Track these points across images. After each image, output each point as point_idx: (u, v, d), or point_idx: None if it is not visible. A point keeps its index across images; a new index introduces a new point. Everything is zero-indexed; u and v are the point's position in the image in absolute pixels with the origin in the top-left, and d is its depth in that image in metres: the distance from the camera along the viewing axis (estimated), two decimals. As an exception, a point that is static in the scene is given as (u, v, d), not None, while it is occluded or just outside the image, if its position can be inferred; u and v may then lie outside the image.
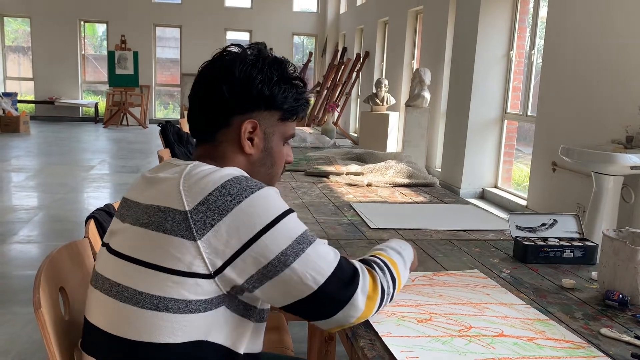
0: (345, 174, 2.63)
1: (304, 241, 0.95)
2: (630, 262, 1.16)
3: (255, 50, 1.09)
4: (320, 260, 0.94)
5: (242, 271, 0.92)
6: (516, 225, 1.54)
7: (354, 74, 10.30)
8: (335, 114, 9.67)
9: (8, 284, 3.27)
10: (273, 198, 0.97)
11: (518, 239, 1.50)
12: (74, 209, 5.07)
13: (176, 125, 3.94)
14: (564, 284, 1.29)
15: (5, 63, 13.15)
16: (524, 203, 5.15)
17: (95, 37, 14.87)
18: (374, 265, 1.04)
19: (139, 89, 12.32)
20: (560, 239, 1.51)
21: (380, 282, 1.01)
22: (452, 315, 1.08)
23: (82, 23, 13.15)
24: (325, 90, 10.59)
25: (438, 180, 2.69)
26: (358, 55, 10.42)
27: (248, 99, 1.07)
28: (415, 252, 1.25)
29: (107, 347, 0.97)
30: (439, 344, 0.96)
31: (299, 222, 0.97)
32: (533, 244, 1.46)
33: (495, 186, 5.99)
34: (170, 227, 0.92)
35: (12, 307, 2.92)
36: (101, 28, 13.96)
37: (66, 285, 1.11)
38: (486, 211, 2.16)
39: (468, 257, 1.49)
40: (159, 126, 3.81)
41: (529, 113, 5.43)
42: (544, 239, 1.50)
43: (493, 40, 5.76)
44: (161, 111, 13.90)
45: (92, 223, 1.44)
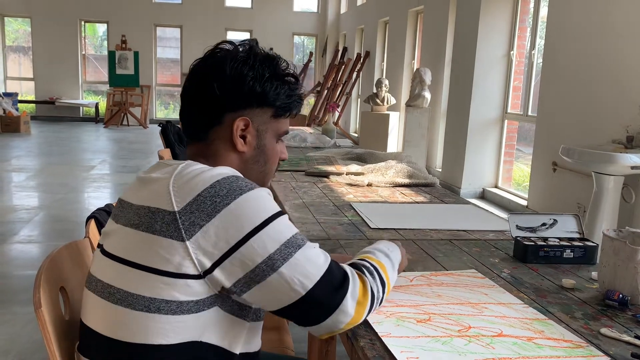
0: (346, 174, 2.63)
1: (293, 245, 0.93)
2: (630, 262, 1.16)
3: (246, 47, 1.08)
4: (309, 265, 0.93)
5: (230, 274, 0.91)
6: (516, 225, 1.54)
7: (355, 74, 10.30)
8: (336, 114, 9.67)
9: (8, 284, 3.27)
10: (263, 200, 0.95)
11: (518, 238, 1.50)
12: (75, 209, 5.07)
13: (177, 125, 3.94)
14: (564, 283, 1.29)
15: (5, 63, 13.16)
16: (524, 203, 5.15)
17: (95, 37, 14.87)
18: (364, 269, 1.03)
19: (139, 89, 12.33)
20: (560, 238, 1.51)
21: (370, 287, 1.00)
22: (451, 316, 1.08)
23: (83, 23, 13.15)
24: (325, 90, 10.58)
25: (438, 180, 2.69)
26: (358, 55, 10.42)
27: (239, 96, 1.05)
28: (404, 253, 1.24)
29: (103, 350, 0.96)
30: (439, 344, 0.96)
31: (288, 225, 0.96)
32: (533, 243, 1.46)
33: (496, 186, 5.99)
34: (160, 228, 0.91)
35: (13, 307, 2.92)
36: (102, 28, 13.97)
37: (66, 285, 1.11)
38: (486, 211, 2.16)
39: (468, 257, 1.49)
40: (159, 126, 3.81)
41: (530, 113, 5.43)
42: (544, 239, 1.50)
43: (493, 40, 5.76)
44: (162, 111, 13.91)
45: (93, 223, 1.44)
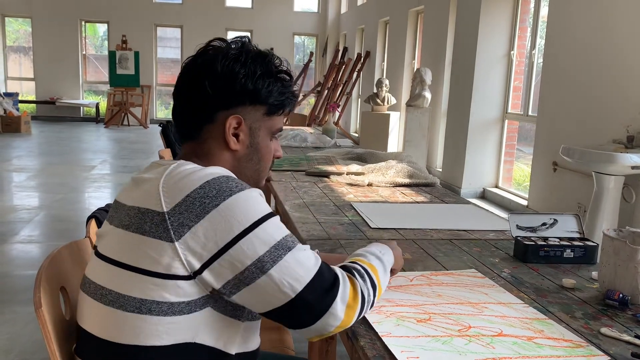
0: (346, 174, 2.63)
1: (283, 247, 0.92)
2: (630, 262, 1.16)
3: (239, 44, 1.07)
4: (298, 268, 0.92)
5: (219, 276, 0.90)
6: (517, 225, 1.54)
7: (355, 74, 10.30)
8: (336, 114, 9.68)
9: (9, 284, 3.28)
10: (253, 201, 0.94)
11: (518, 238, 1.50)
12: (75, 209, 5.08)
13: (177, 125, 3.93)
14: (565, 283, 1.29)
15: (6, 63, 13.16)
16: (524, 203, 5.15)
17: (96, 37, 14.88)
18: (355, 272, 1.01)
19: (140, 89, 12.33)
20: (560, 238, 1.51)
21: (361, 290, 0.99)
22: (451, 315, 1.08)
23: (83, 23, 13.16)
24: (326, 90, 10.58)
25: (439, 180, 2.69)
26: (359, 55, 10.42)
27: (231, 94, 1.04)
28: (399, 253, 1.24)
29: (98, 352, 0.96)
30: (439, 344, 0.96)
31: (279, 227, 0.95)
32: (533, 243, 1.46)
33: (496, 186, 5.99)
34: (149, 229, 0.91)
35: (13, 307, 2.92)
36: (102, 28, 13.97)
37: (67, 285, 1.11)
38: (487, 211, 2.16)
39: (468, 257, 1.49)
40: (160, 126, 3.81)
41: (530, 113, 5.43)
42: (545, 239, 1.50)
43: (494, 40, 5.76)
44: (162, 111, 13.90)
45: (93, 223, 1.44)
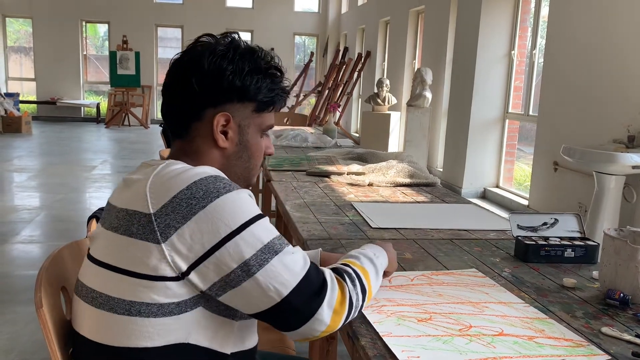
0: (347, 174, 2.63)
1: (270, 250, 0.91)
2: (631, 261, 1.16)
3: (227, 41, 1.05)
4: (285, 272, 0.91)
5: (205, 278, 0.90)
6: (517, 225, 1.54)
7: (356, 74, 10.31)
8: (337, 114, 9.68)
9: (10, 284, 3.28)
10: (241, 202, 0.92)
11: (519, 238, 1.50)
12: (76, 209, 5.08)
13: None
14: (565, 283, 1.29)
15: (7, 63, 13.17)
16: (525, 203, 5.15)
17: (97, 38, 14.89)
18: (345, 276, 1.00)
19: (140, 89, 12.33)
20: (561, 238, 1.50)
21: (349, 295, 0.97)
22: (452, 315, 1.08)
23: (84, 23, 13.16)
24: (326, 90, 10.59)
25: (439, 180, 2.69)
26: (359, 55, 10.42)
27: (219, 91, 1.03)
28: (394, 256, 1.23)
29: (92, 355, 0.96)
30: (440, 344, 0.96)
31: (267, 229, 0.93)
32: (534, 243, 1.46)
33: (497, 186, 5.99)
34: (136, 231, 0.90)
35: (14, 307, 2.93)
36: (103, 28, 13.98)
37: (68, 285, 1.12)
38: (487, 211, 2.16)
39: (469, 257, 1.49)
40: (160, 126, 3.82)
41: (531, 113, 5.43)
42: (545, 238, 1.50)
43: (494, 40, 5.76)
44: (163, 111, 13.91)
45: (94, 223, 1.44)
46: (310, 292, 0.92)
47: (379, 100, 7.22)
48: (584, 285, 1.30)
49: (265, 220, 0.94)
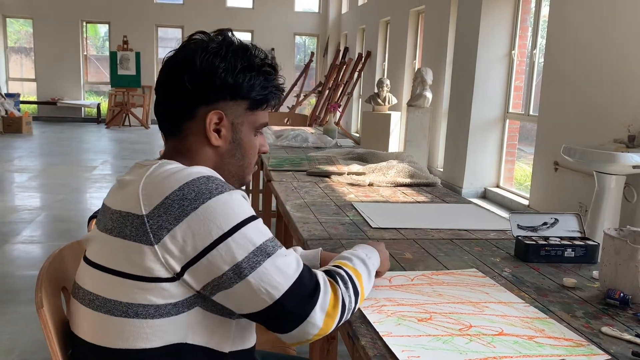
0: (347, 174, 2.63)
1: (262, 253, 0.90)
2: (631, 261, 1.16)
3: (220, 38, 1.04)
4: (277, 274, 0.90)
5: (198, 279, 0.89)
6: (518, 225, 1.54)
7: (356, 74, 10.31)
8: (337, 114, 9.68)
9: (11, 284, 3.28)
10: (233, 204, 0.91)
11: (519, 238, 1.50)
12: (77, 209, 5.08)
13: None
14: (565, 282, 1.29)
15: (7, 64, 13.18)
16: (526, 202, 5.15)
17: (97, 38, 14.90)
18: (338, 278, 0.99)
19: (141, 90, 12.34)
20: (561, 238, 1.50)
21: (342, 298, 0.97)
22: (452, 314, 1.08)
23: (84, 24, 13.17)
24: (327, 91, 10.59)
25: (440, 180, 2.69)
26: (360, 55, 10.42)
27: (211, 89, 1.02)
28: (386, 256, 1.23)
29: (91, 357, 0.96)
30: (440, 343, 0.96)
31: (259, 231, 0.92)
32: (534, 243, 1.46)
33: (498, 186, 5.98)
34: (129, 233, 0.90)
35: (15, 307, 2.93)
36: (103, 29, 13.99)
37: (68, 285, 1.12)
38: (488, 211, 2.16)
39: (469, 256, 1.49)
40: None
41: (531, 112, 5.43)
42: (546, 238, 1.50)
43: (494, 40, 5.76)
44: (163, 111, 13.91)
45: (94, 223, 1.44)
46: (303, 295, 0.92)
47: (379, 100, 7.22)
48: (584, 285, 1.30)
49: (258, 222, 0.93)
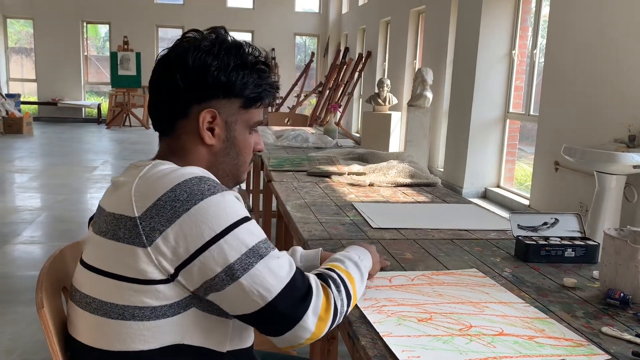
0: (348, 174, 2.63)
1: (255, 254, 0.89)
2: (631, 261, 1.16)
3: (213, 36, 1.03)
4: (269, 276, 0.89)
5: (190, 281, 0.89)
6: (518, 225, 1.54)
7: (356, 74, 10.31)
8: (338, 114, 9.68)
9: (12, 284, 3.28)
10: (225, 205, 0.90)
11: (520, 238, 1.50)
12: (77, 210, 5.08)
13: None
14: (566, 282, 1.29)
15: (8, 64, 13.19)
16: (526, 202, 5.15)
17: (97, 38, 14.91)
18: (330, 281, 0.99)
19: (141, 90, 12.34)
20: (562, 238, 1.50)
21: (334, 302, 0.96)
22: (453, 315, 1.08)
23: (85, 24, 13.18)
24: (327, 91, 10.59)
25: (440, 180, 2.69)
26: (360, 55, 10.42)
27: (204, 87, 1.01)
28: (377, 259, 1.23)
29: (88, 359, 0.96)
30: (440, 343, 0.96)
31: (252, 233, 0.91)
32: (535, 243, 1.46)
33: (498, 186, 5.98)
34: (123, 235, 0.90)
35: (16, 307, 2.93)
36: (104, 29, 14.00)
37: (68, 286, 1.12)
38: (488, 211, 2.16)
39: (470, 257, 1.49)
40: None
41: (531, 112, 5.43)
42: (546, 238, 1.50)
43: (495, 40, 5.76)
44: (164, 112, 13.91)
45: (95, 223, 1.44)
46: (295, 298, 0.91)
47: (379, 101, 7.22)
48: (584, 285, 1.30)
49: (251, 223, 0.93)
